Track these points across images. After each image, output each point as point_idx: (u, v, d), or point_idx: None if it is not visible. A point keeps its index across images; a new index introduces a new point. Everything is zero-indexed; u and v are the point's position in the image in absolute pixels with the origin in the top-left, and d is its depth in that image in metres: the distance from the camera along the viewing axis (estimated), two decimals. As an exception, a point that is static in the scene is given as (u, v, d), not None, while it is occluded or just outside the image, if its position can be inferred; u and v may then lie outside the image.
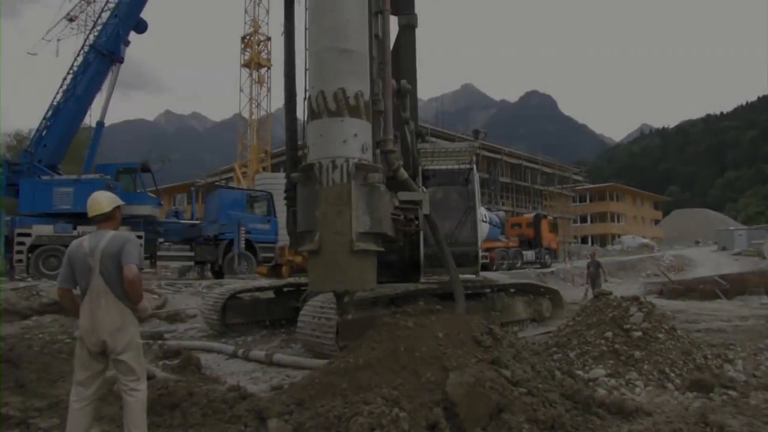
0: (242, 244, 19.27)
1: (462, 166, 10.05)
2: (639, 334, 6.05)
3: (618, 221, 67.54)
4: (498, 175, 46.50)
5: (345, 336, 6.92)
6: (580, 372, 5.61)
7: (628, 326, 6.18)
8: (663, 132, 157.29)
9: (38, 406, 4.99)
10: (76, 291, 3.75)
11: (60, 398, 4.78)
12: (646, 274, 30.47)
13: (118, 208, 3.87)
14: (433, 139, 34.02)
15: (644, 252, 43.82)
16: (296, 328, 7.63)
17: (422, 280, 9.30)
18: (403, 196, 7.24)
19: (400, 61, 10.90)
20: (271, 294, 11.16)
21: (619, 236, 60.62)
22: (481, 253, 9.63)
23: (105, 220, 3.79)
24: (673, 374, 5.58)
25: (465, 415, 3.72)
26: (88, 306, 3.62)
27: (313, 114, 5.26)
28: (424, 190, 7.70)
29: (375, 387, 3.97)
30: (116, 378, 3.77)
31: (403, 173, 7.47)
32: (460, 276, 8.55)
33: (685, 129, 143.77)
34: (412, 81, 10.85)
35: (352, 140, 5.13)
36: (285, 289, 10.68)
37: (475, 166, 10.06)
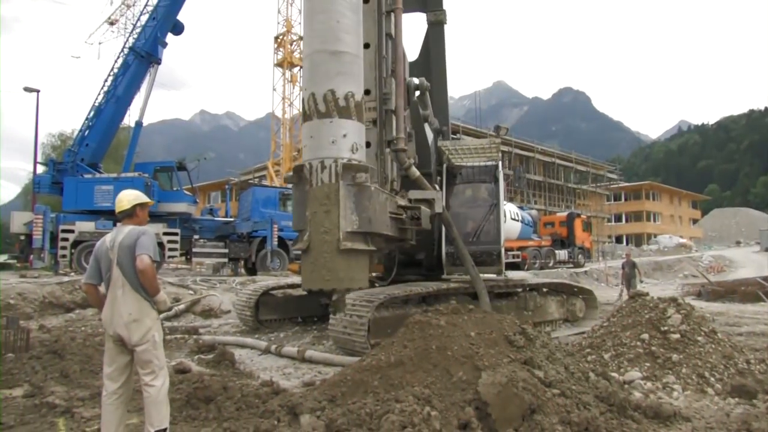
0: (275, 242, 19.55)
1: (488, 163, 9.87)
2: (677, 336, 5.90)
3: (654, 220, 65.80)
4: (522, 171, 45.71)
5: (376, 334, 6.97)
6: (615, 374, 5.50)
7: (666, 328, 6.03)
8: (702, 128, 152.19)
9: (81, 396, 5.18)
10: (103, 289, 3.88)
11: (101, 389, 4.95)
12: (684, 275, 29.64)
13: (140, 206, 3.98)
14: (464, 137, 33.78)
15: (681, 252, 42.63)
16: (328, 325, 7.71)
17: (444, 277, 9.28)
18: (414, 194, 7.25)
19: (429, 57, 10.87)
20: (303, 291, 11.28)
21: (655, 236, 59.05)
22: (505, 252, 9.36)
23: (127, 216, 3.94)
24: (713, 379, 5.42)
25: (497, 416, 3.70)
26: (109, 297, 3.76)
27: (305, 116, 5.46)
28: (437, 188, 7.66)
29: (407, 385, 3.98)
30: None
31: (415, 171, 7.44)
32: (484, 275, 8.49)
33: (726, 125, 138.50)
34: (442, 77, 10.79)
35: (341, 141, 5.26)
36: (317, 287, 10.77)
37: (500, 163, 9.84)
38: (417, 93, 8.95)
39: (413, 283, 8.70)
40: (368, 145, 7.00)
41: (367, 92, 7.08)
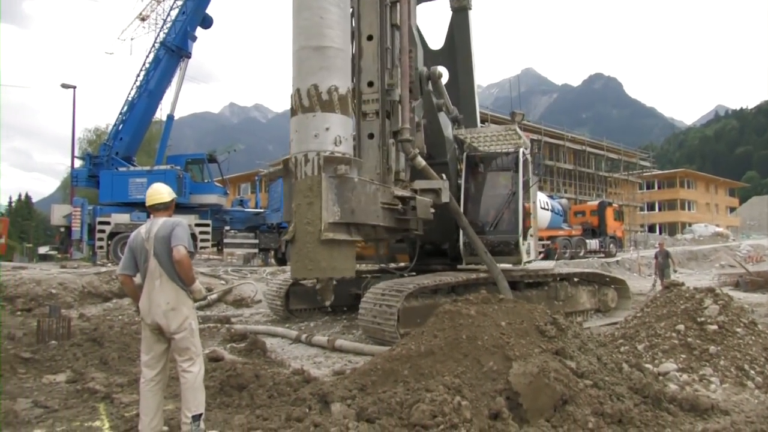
0: (303, 232, 19.71)
1: (508, 150, 9.67)
2: (714, 327, 5.74)
3: (689, 209, 64.01)
4: (541, 158, 44.60)
5: (406, 323, 6.99)
6: (649, 366, 5.39)
7: (702, 319, 5.88)
8: (741, 113, 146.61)
9: (120, 383, 5.35)
10: (137, 279, 3.99)
11: (139, 376, 5.12)
12: (720, 264, 28.79)
13: (174, 200, 4.15)
14: (492, 126, 33.33)
15: (718, 241, 41.36)
16: (357, 314, 7.77)
17: (461, 267, 9.22)
18: (420, 184, 7.23)
19: (454, 44, 10.73)
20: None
21: (690, 224, 57.46)
22: (525, 242, 9.07)
23: (164, 209, 4.04)
24: (753, 372, 5.26)
25: (528, 406, 3.68)
26: (146, 287, 3.86)
27: (292, 111, 5.64)
28: (444, 177, 7.60)
29: (437, 374, 3.98)
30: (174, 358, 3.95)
31: (421, 161, 7.38)
32: (502, 265, 8.40)
33: (767, 109, 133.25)
34: (468, 65, 10.64)
35: (323, 134, 5.40)
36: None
37: (521, 150, 9.53)
38: (430, 83, 8.83)
39: (441, 272, 8.68)
40: (371, 136, 7.04)
41: (370, 84, 7.11)
